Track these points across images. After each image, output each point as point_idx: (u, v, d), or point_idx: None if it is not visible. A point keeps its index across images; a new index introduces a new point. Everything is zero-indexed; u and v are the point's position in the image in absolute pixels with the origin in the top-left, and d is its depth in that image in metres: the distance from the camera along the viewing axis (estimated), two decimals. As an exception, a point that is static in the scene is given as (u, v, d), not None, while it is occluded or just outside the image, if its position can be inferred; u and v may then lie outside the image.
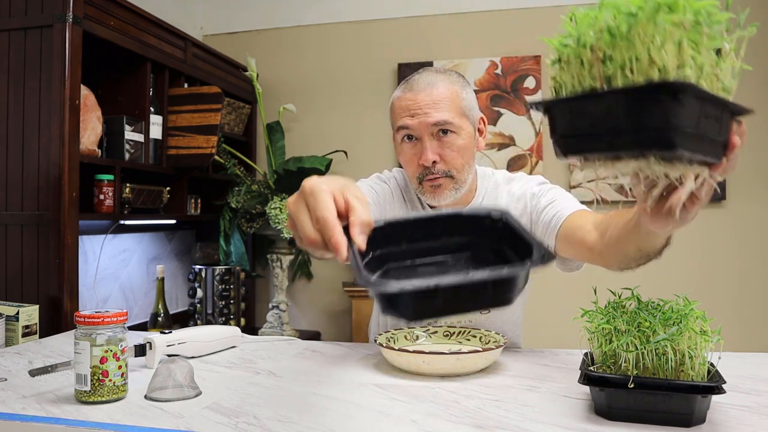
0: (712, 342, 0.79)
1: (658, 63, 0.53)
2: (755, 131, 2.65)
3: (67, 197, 1.73)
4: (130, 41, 2.07)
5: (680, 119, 0.51)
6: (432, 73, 1.22)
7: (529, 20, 2.86)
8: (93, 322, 0.91)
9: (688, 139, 0.53)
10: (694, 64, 0.54)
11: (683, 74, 0.53)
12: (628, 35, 0.54)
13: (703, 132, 0.55)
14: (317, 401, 0.92)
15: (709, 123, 0.56)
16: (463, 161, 1.20)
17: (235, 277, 2.63)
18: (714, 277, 2.67)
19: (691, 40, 0.54)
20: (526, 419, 0.83)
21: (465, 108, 1.21)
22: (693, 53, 0.54)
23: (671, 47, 0.53)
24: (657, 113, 0.51)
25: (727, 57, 0.61)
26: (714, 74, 0.58)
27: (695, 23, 0.55)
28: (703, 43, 0.56)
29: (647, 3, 0.54)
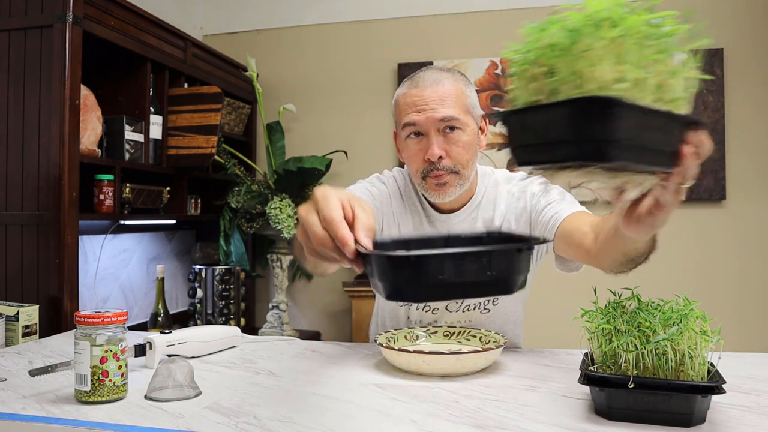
0: (712, 342, 0.79)
1: (596, 77, 0.55)
2: (755, 131, 2.65)
3: (67, 197, 1.73)
4: (130, 41, 2.07)
5: (615, 132, 0.53)
6: (437, 71, 1.22)
7: (528, 20, 2.85)
8: (93, 322, 0.91)
9: (628, 150, 0.55)
10: (632, 78, 0.56)
11: (619, 88, 0.55)
12: (570, 50, 0.56)
13: (645, 143, 0.57)
14: (317, 401, 0.92)
15: (653, 134, 0.58)
16: (468, 157, 1.20)
17: (235, 277, 2.63)
18: (714, 277, 2.67)
19: (634, 53, 0.56)
20: (526, 419, 0.83)
21: (469, 105, 1.21)
22: (630, 67, 0.56)
23: (608, 62, 0.55)
24: (593, 126, 0.53)
25: (679, 69, 0.61)
26: (663, 86, 0.59)
27: (640, 37, 0.56)
28: (648, 56, 0.57)
29: (589, 19, 0.56)
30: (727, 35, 2.67)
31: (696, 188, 2.66)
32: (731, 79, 2.66)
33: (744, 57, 2.66)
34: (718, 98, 2.64)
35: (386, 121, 2.98)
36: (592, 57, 0.55)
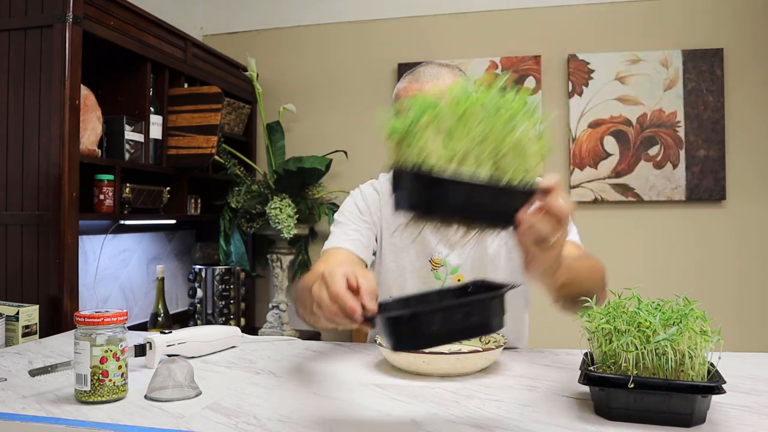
0: (712, 342, 0.79)
1: (432, 152, 0.68)
2: (755, 131, 2.65)
3: (67, 197, 1.73)
4: (130, 41, 2.07)
5: (428, 198, 0.66)
6: (437, 66, 1.26)
7: (529, 20, 2.86)
8: (93, 322, 0.91)
9: (455, 213, 0.68)
10: (461, 152, 0.67)
11: (443, 163, 0.67)
12: (413, 127, 0.70)
13: (473, 207, 0.68)
14: (317, 401, 0.92)
15: (480, 199, 0.68)
16: None
17: (235, 277, 2.63)
18: (714, 277, 2.67)
19: (466, 130, 0.67)
20: (526, 419, 0.83)
21: None
22: (460, 142, 0.67)
23: (433, 140, 0.68)
24: (419, 193, 0.67)
25: (523, 140, 0.70)
26: (501, 157, 0.69)
27: (478, 114, 0.67)
28: (482, 131, 0.68)
29: (428, 101, 0.69)
30: (727, 35, 2.67)
31: (696, 188, 2.66)
32: (731, 79, 2.66)
33: (744, 57, 2.66)
34: (718, 98, 2.65)
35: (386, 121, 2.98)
36: (428, 134, 0.68)
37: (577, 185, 2.75)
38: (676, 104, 2.68)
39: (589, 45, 2.78)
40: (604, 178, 2.74)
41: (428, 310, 0.73)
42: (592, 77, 2.75)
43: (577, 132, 2.76)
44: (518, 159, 0.69)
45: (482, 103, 0.69)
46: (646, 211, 2.74)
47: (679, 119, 2.68)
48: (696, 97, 2.67)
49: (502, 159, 0.68)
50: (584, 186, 2.75)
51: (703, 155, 2.66)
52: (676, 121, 2.68)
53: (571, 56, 2.77)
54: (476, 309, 0.73)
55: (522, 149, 0.69)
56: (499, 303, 0.75)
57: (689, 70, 2.67)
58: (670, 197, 2.68)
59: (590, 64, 2.75)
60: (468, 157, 0.67)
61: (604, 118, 2.74)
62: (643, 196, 2.70)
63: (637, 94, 2.71)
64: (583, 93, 2.76)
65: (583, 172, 2.75)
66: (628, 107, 2.72)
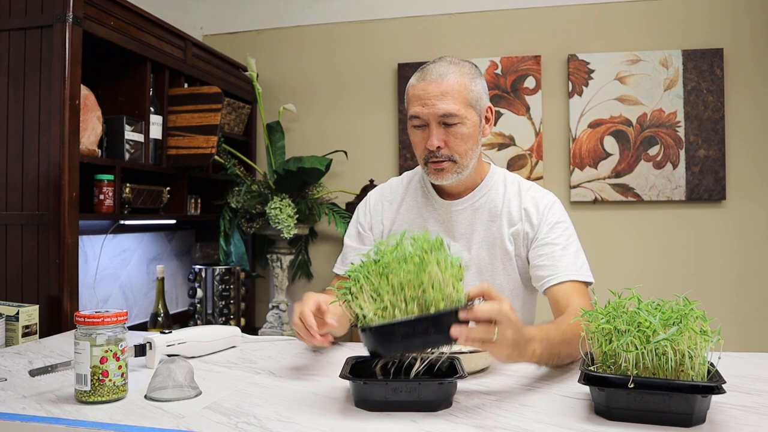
0: (711, 342, 0.79)
1: (363, 311, 0.87)
2: (755, 131, 2.65)
3: (67, 197, 1.73)
4: (130, 41, 2.07)
5: (380, 342, 0.85)
6: (445, 64, 1.30)
7: (529, 20, 2.86)
8: (93, 322, 0.91)
9: (399, 345, 0.85)
10: (387, 303, 0.86)
11: (372, 316, 0.86)
12: (351, 294, 0.90)
13: (414, 339, 0.85)
14: (317, 401, 0.93)
15: (419, 333, 0.84)
16: (466, 147, 1.28)
17: (235, 277, 2.63)
18: (714, 277, 2.67)
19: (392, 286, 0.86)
20: (526, 419, 0.83)
21: (472, 99, 1.28)
22: (379, 298, 0.86)
23: (366, 299, 0.88)
24: (370, 341, 0.86)
25: (437, 282, 0.86)
26: (420, 298, 0.85)
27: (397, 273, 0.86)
28: (392, 284, 0.86)
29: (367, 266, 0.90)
30: (727, 35, 2.67)
31: (696, 188, 2.66)
32: (731, 79, 2.66)
33: (744, 57, 2.66)
34: (718, 98, 2.65)
35: (386, 121, 2.98)
36: (363, 295, 0.88)
37: (577, 185, 2.75)
38: (676, 104, 2.68)
39: (589, 45, 2.79)
40: (604, 178, 2.74)
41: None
42: (592, 77, 2.75)
43: (577, 132, 2.77)
44: (436, 290, 0.85)
45: (395, 258, 0.87)
46: (646, 211, 2.74)
47: (679, 119, 2.68)
48: (696, 97, 2.67)
49: (423, 295, 0.84)
50: (584, 186, 2.75)
51: (703, 155, 2.66)
52: (676, 121, 2.68)
53: (571, 56, 2.77)
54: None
55: (437, 281, 0.85)
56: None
57: (689, 70, 2.67)
58: (670, 197, 2.68)
59: (590, 64, 2.75)
60: (395, 304, 0.85)
61: (604, 118, 2.74)
62: (643, 196, 2.70)
63: (637, 94, 2.71)
64: (583, 93, 2.76)
65: (583, 172, 2.75)
66: (628, 107, 2.72)
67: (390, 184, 1.49)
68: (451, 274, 0.86)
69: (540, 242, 1.30)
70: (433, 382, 0.86)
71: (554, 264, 1.26)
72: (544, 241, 1.29)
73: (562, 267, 1.25)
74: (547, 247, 1.28)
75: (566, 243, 1.29)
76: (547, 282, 1.26)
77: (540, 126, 2.80)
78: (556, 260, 1.26)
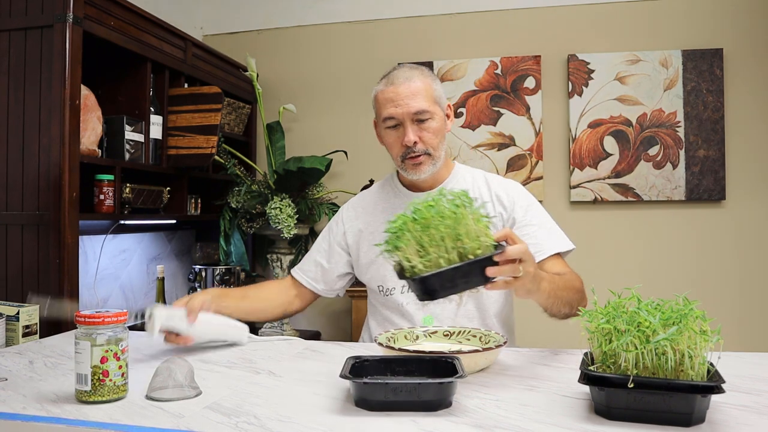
0: (711, 342, 0.79)
1: (411, 262, 0.99)
2: (755, 131, 2.65)
3: (67, 197, 1.73)
4: (130, 41, 2.07)
5: (432, 285, 0.97)
6: (408, 69, 1.42)
7: (529, 20, 2.86)
8: (93, 322, 0.91)
9: (446, 289, 0.98)
10: (434, 255, 0.98)
11: (420, 266, 0.98)
12: (397, 248, 1.00)
13: (458, 282, 0.98)
14: (317, 401, 0.93)
15: (462, 276, 0.97)
16: (437, 140, 1.41)
17: (235, 277, 2.63)
18: (714, 277, 2.68)
19: (434, 237, 0.98)
20: (526, 419, 0.83)
21: (436, 97, 1.42)
22: (424, 250, 0.98)
23: (412, 252, 0.99)
24: (420, 286, 0.98)
25: (474, 233, 0.99)
26: (460, 246, 0.98)
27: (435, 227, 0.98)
28: (434, 237, 0.98)
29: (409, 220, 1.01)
30: (727, 35, 2.67)
31: (696, 188, 2.66)
32: (731, 79, 2.67)
33: (743, 57, 2.66)
34: (718, 98, 2.65)
35: (386, 121, 2.98)
36: (408, 249, 0.98)
37: (577, 185, 2.75)
38: (675, 104, 2.69)
39: (589, 45, 2.79)
40: (604, 178, 2.74)
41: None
42: (592, 77, 2.75)
43: (577, 132, 2.77)
44: (472, 239, 0.98)
45: (435, 213, 0.99)
46: (646, 211, 2.74)
47: (678, 119, 2.68)
48: (696, 97, 2.67)
49: (461, 245, 0.98)
50: (584, 186, 2.75)
51: (703, 155, 2.66)
52: (676, 121, 2.69)
53: (571, 56, 2.77)
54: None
55: (472, 232, 0.98)
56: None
57: (689, 70, 2.67)
58: (670, 197, 2.69)
59: (590, 64, 2.75)
60: (440, 254, 0.97)
61: (604, 118, 2.74)
62: (643, 196, 2.70)
63: (637, 94, 2.72)
64: (583, 93, 2.76)
65: (583, 172, 2.76)
66: (628, 107, 2.72)
67: (361, 194, 1.63)
68: (482, 225, 1.00)
69: (519, 225, 1.43)
70: (433, 382, 0.87)
71: (538, 242, 1.39)
72: (523, 223, 1.43)
73: (545, 244, 1.40)
74: (527, 228, 1.42)
75: (541, 222, 1.44)
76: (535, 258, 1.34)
77: (540, 126, 2.80)
78: (538, 239, 1.40)
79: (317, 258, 1.58)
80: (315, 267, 1.58)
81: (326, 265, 1.56)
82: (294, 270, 1.61)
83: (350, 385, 0.91)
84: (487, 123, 2.84)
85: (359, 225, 1.53)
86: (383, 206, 1.52)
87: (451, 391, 0.89)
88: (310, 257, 1.60)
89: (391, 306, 1.47)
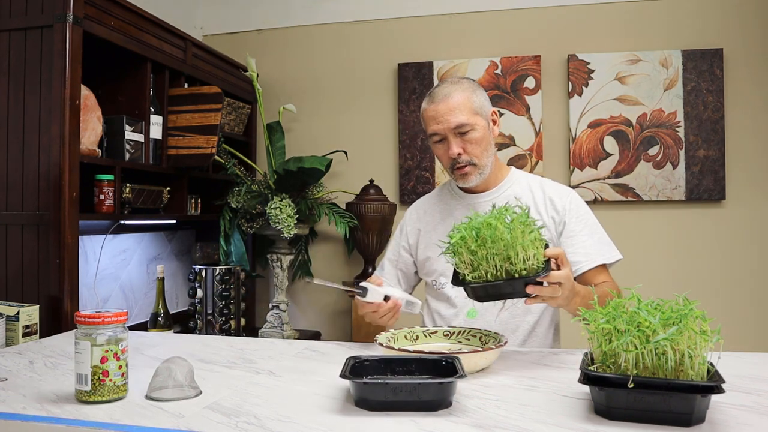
0: (711, 342, 0.79)
1: (467, 271, 1.13)
2: (755, 131, 2.65)
3: (67, 197, 1.73)
4: (130, 41, 2.07)
5: (480, 292, 1.11)
6: (448, 85, 1.50)
7: (529, 20, 2.86)
8: (93, 322, 0.91)
9: (490, 296, 1.12)
10: (483, 270, 1.11)
11: (473, 274, 1.12)
12: (455, 254, 1.14)
13: (502, 293, 1.11)
14: (317, 401, 0.93)
15: (505, 289, 1.10)
16: (481, 149, 1.48)
17: (235, 277, 2.63)
18: (713, 277, 2.67)
19: (482, 254, 1.10)
20: (526, 419, 0.83)
21: (476, 108, 1.48)
22: (477, 263, 1.11)
23: (468, 262, 1.12)
24: (472, 292, 1.13)
25: (531, 249, 1.09)
26: (527, 255, 1.09)
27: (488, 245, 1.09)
28: (489, 252, 1.09)
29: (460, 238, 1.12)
30: (727, 35, 2.67)
31: (696, 188, 2.66)
32: (731, 79, 2.66)
33: (744, 57, 2.66)
34: (718, 98, 2.65)
35: (386, 121, 2.98)
36: (465, 258, 1.11)
37: (577, 185, 2.75)
38: (675, 104, 2.69)
39: (589, 45, 2.79)
40: (604, 178, 2.74)
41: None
42: (592, 77, 2.75)
43: (577, 132, 2.77)
44: (519, 262, 1.07)
45: (490, 235, 1.07)
46: (646, 211, 2.74)
47: (678, 119, 2.68)
48: (696, 97, 2.67)
49: (509, 265, 1.08)
50: (584, 186, 2.75)
51: (703, 155, 2.66)
52: (676, 121, 2.69)
53: (571, 56, 2.77)
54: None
55: (521, 253, 1.07)
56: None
57: (689, 70, 2.67)
58: (670, 197, 2.69)
59: (590, 64, 2.75)
60: (488, 270, 1.09)
61: (604, 118, 2.74)
62: (643, 196, 2.70)
63: (637, 94, 2.72)
64: (583, 93, 2.76)
65: (583, 172, 2.76)
66: (628, 107, 2.72)
67: (422, 198, 1.72)
68: (532, 246, 1.08)
69: (569, 233, 1.48)
70: (433, 382, 0.87)
71: (586, 252, 1.45)
72: (575, 231, 1.48)
73: (593, 254, 1.45)
74: (577, 236, 1.47)
75: (591, 231, 1.49)
76: (581, 267, 1.44)
77: (540, 126, 2.80)
78: (587, 248, 1.46)
79: (390, 256, 1.69)
80: (391, 265, 1.69)
81: (404, 269, 1.68)
82: (381, 272, 1.69)
83: (350, 385, 0.91)
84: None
85: (419, 226, 1.64)
86: (440, 207, 1.62)
87: (451, 391, 0.89)
88: (384, 257, 1.71)
89: (441, 298, 1.56)
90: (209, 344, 1.38)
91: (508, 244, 1.06)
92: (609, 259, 1.46)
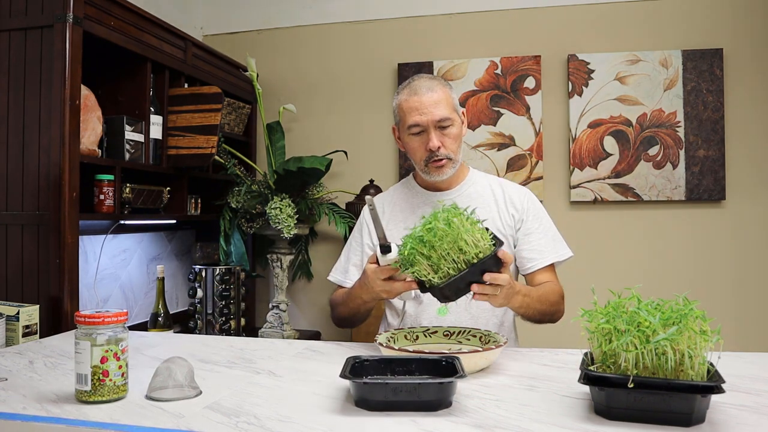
0: (711, 342, 0.79)
1: (422, 273, 1.18)
2: (755, 131, 2.65)
3: (67, 197, 1.73)
4: (130, 41, 2.07)
5: (443, 291, 1.17)
6: (427, 79, 1.53)
7: (529, 20, 2.86)
8: (93, 322, 0.91)
9: (460, 291, 1.18)
10: (436, 272, 1.17)
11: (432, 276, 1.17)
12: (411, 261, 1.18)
13: (460, 288, 1.17)
14: (317, 401, 0.93)
15: (460, 283, 1.16)
16: (457, 145, 1.53)
17: (235, 277, 2.63)
18: (713, 277, 2.67)
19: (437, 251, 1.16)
20: (526, 419, 0.83)
21: (454, 105, 1.53)
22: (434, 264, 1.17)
23: (424, 265, 1.18)
24: (435, 292, 1.18)
25: (475, 242, 1.16)
26: (475, 238, 1.16)
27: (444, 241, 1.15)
28: (440, 250, 1.15)
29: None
30: (727, 35, 2.67)
31: (696, 188, 2.66)
32: (731, 79, 2.66)
33: (744, 57, 2.66)
34: (718, 98, 2.65)
35: (386, 121, 2.98)
36: (420, 262, 1.16)
37: (576, 185, 2.75)
38: (675, 104, 2.69)
39: (589, 45, 2.79)
40: (604, 178, 2.74)
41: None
42: (592, 77, 2.75)
43: (577, 132, 2.77)
44: (471, 246, 1.15)
45: (434, 236, 1.14)
46: (646, 211, 2.74)
47: (678, 119, 2.68)
48: (696, 97, 2.67)
49: (463, 257, 1.15)
50: (584, 186, 2.75)
51: (703, 155, 2.66)
52: (676, 121, 2.69)
53: (571, 56, 2.77)
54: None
55: (470, 240, 1.15)
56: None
57: (689, 70, 2.67)
58: (670, 197, 2.68)
59: (590, 64, 2.75)
60: (449, 266, 1.15)
61: (604, 118, 2.74)
62: (643, 196, 2.70)
63: (637, 94, 2.72)
64: (583, 93, 2.76)
65: (582, 172, 2.76)
66: (628, 107, 2.72)
67: (380, 194, 1.72)
68: (475, 229, 1.16)
69: (527, 230, 1.55)
70: (433, 382, 0.87)
71: (540, 250, 1.53)
72: (531, 230, 1.55)
73: (545, 253, 1.53)
74: (533, 234, 1.55)
75: (545, 230, 1.56)
76: (535, 265, 1.53)
77: (540, 126, 2.80)
78: (541, 247, 1.54)
79: (355, 260, 1.64)
80: (357, 270, 1.64)
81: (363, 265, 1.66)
82: (334, 277, 1.66)
83: (350, 385, 0.91)
84: (487, 123, 2.85)
85: (383, 222, 1.57)
86: (402, 206, 1.62)
87: (451, 391, 0.89)
88: (348, 261, 1.65)
89: (406, 296, 1.51)
90: (209, 344, 1.38)
91: (453, 236, 1.13)
92: (561, 256, 1.55)
